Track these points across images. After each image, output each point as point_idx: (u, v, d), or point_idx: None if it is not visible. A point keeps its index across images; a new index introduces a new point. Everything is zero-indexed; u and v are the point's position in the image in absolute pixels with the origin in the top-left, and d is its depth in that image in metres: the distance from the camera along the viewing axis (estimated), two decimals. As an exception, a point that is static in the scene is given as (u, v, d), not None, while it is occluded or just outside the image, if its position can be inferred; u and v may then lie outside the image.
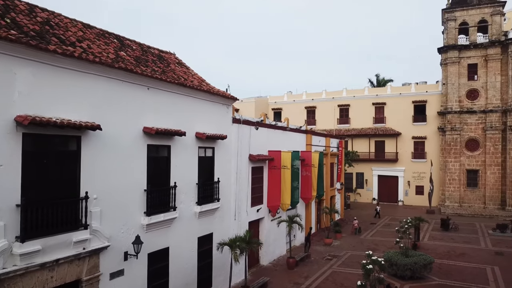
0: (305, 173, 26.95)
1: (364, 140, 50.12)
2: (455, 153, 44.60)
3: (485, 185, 43.33)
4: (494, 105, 43.20)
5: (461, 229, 32.56)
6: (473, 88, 44.58)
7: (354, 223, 33.20)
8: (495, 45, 43.27)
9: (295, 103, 55.17)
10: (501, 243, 28.07)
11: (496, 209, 42.25)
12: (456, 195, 44.34)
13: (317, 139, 31.73)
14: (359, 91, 52.88)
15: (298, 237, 27.44)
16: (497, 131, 42.92)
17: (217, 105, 18.72)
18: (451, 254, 25.22)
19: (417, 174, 47.74)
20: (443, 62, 46.14)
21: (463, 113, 44.66)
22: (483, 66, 44.09)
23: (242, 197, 20.56)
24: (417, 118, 48.30)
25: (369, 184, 50.45)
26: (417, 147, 48.17)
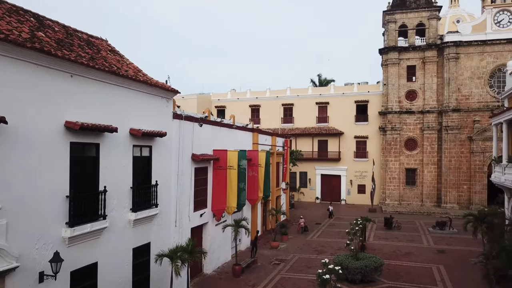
0: (251, 173, 25.52)
1: (308, 140, 49.90)
2: (395, 152, 45.65)
3: (422, 184, 44.76)
4: (431, 106, 44.74)
5: (403, 228, 32.97)
6: (412, 89, 45.88)
7: (300, 221, 32.80)
8: (432, 48, 44.82)
9: (239, 101, 53.77)
10: (441, 241, 28.58)
11: (433, 206, 43.77)
12: (396, 194, 45.41)
13: (263, 137, 30.49)
14: (303, 90, 52.64)
15: (244, 241, 25.97)
16: (433, 131, 44.47)
17: (155, 98, 16.66)
18: (397, 253, 25.08)
19: (359, 173, 48.33)
20: (384, 63, 47.06)
21: (403, 113, 45.83)
22: (421, 68, 45.51)
23: (184, 201, 18.65)
24: (359, 118, 48.92)
25: (313, 183, 50.34)
26: (359, 147, 48.80)
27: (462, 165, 42.78)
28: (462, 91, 43.42)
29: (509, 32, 42.05)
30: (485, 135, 41.78)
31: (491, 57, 42.65)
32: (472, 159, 42.33)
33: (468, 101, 43.18)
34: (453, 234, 30.66)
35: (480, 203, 41.59)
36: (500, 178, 20.64)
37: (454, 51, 43.45)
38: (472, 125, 42.49)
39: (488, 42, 42.51)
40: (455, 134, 43.00)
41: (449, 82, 43.55)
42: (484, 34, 42.76)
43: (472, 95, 43.08)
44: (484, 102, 42.65)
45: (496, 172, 21.99)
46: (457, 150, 42.93)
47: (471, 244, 27.38)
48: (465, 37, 43.19)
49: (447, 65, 43.71)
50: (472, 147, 42.32)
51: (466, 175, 42.57)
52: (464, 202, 42.58)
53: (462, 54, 43.43)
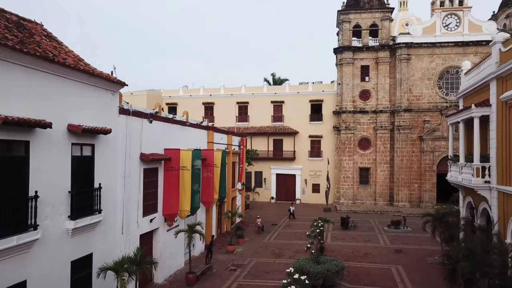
0: (206, 174, 24.00)
1: (263, 139, 48.99)
2: (349, 151, 45.85)
3: (375, 182, 45.27)
4: (384, 106, 45.35)
5: (359, 227, 32.82)
6: (366, 89, 46.28)
7: (257, 221, 32.02)
8: (385, 49, 45.44)
9: (192, 98, 51.82)
10: (397, 240, 28.59)
11: (385, 205, 44.39)
12: (350, 193, 45.62)
13: (219, 136, 29.05)
14: (258, 88, 51.70)
15: (198, 245, 24.41)
16: (386, 130, 45.11)
17: (99, 91, 14.77)
18: (356, 255, 24.61)
19: (313, 172, 48.11)
20: (338, 63, 47.14)
21: (357, 113, 46.12)
22: (374, 68, 46.01)
23: (132, 205, 16.85)
24: (314, 117, 48.71)
25: (268, 183, 49.52)
26: (314, 146, 48.60)
27: (413, 164, 43.71)
28: (413, 92, 44.35)
29: (456, 36, 43.46)
30: (434, 134, 42.94)
31: (440, 59, 43.88)
32: (423, 158, 43.35)
33: (418, 101, 44.18)
34: (407, 232, 30.88)
35: (430, 201, 42.75)
36: (457, 177, 20.63)
37: (406, 52, 44.29)
38: (423, 125, 43.52)
39: (437, 45, 43.70)
40: (407, 133, 43.86)
41: (401, 83, 44.33)
42: (434, 37, 43.93)
43: (422, 95, 44.12)
44: (433, 102, 43.81)
45: (452, 171, 22.04)
46: (409, 149, 43.81)
47: (426, 243, 27.61)
48: (416, 39, 44.15)
49: (399, 65, 44.48)
50: (423, 146, 43.33)
51: (417, 173, 43.54)
52: (415, 201, 43.53)
53: (413, 55, 44.36)
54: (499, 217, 16.80)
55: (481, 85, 19.15)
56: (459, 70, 42.66)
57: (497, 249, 14.52)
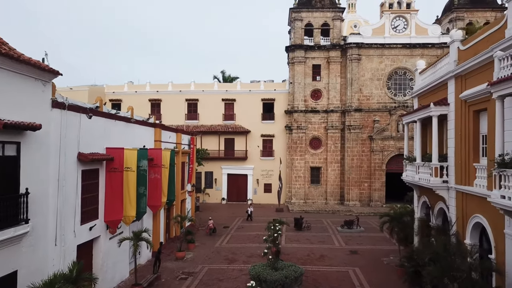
0: (153, 175, 22.10)
1: (214, 138, 47.37)
2: (301, 151, 45.49)
3: (326, 182, 45.26)
4: (335, 106, 45.44)
5: (313, 228, 32.26)
6: (317, 88, 46.16)
7: (209, 223, 30.78)
8: (336, 48, 45.55)
9: (137, 95, 49.02)
10: (351, 240, 28.27)
11: (336, 204, 44.49)
12: (302, 192, 45.27)
13: (167, 134, 27.16)
14: (209, 85, 49.99)
15: (144, 253, 22.46)
16: (337, 130, 45.23)
17: (27, 80, 12.61)
18: (312, 257, 23.85)
19: (265, 172, 47.26)
20: (290, 61, 46.63)
21: (308, 112, 45.86)
22: (326, 67, 45.99)
23: (68, 212, 14.75)
24: (265, 116, 47.87)
25: (218, 183, 47.98)
26: (266, 145, 47.76)
27: (363, 164, 44.15)
28: (363, 92, 44.82)
29: (404, 37, 44.47)
30: (384, 134, 43.64)
31: (389, 60, 44.68)
32: (372, 157, 43.91)
33: (368, 101, 44.71)
34: (361, 232, 30.75)
35: (380, 200, 43.39)
36: (413, 177, 20.41)
37: (356, 52, 44.65)
38: (372, 124, 44.08)
39: (386, 46, 44.47)
40: (357, 133, 44.22)
41: (351, 83, 44.62)
42: (383, 38, 44.65)
43: (372, 95, 44.70)
44: (382, 102, 44.53)
45: (408, 171, 21.86)
46: (359, 149, 44.20)
47: (380, 243, 27.52)
48: (366, 40, 44.64)
49: (350, 65, 44.76)
50: (372, 146, 43.89)
51: (367, 173, 44.03)
52: (365, 200, 43.99)
53: (363, 55, 44.81)
54: (457, 217, 16.59)
55: (438, 84, 18.98)
56: (407, 71, 43.93)
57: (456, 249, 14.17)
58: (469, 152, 15.75)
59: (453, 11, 45.49)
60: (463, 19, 45.02)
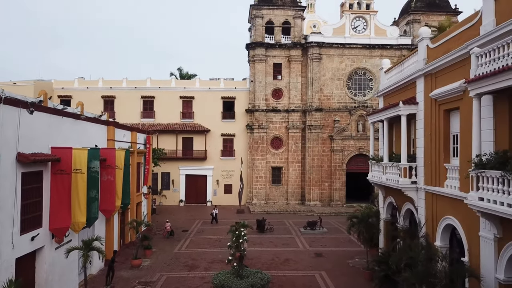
0: (106, 177, 20.28)
1: (171, 137, 45.46)
2: (262, 150, 44.66)
3: (287, 182, 44.72)
4: (296, 105, 44.99)
5: (276, 229, 31.41)
6: (278, 87, 45.51)
7: (166, 225, 29.44)
8: (297, 47, 45.11)
9: (89, 91, 46.11)
10: (315, 242, 27.66)
11: (297, 204, 44.04)
12: (263, 193, 44.45)
13: (121, 133, 25.29)
14: (166, 82, 48.03)
15: (96, 262, 20.55)
16: (298, 130, 44.80)
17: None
18: (277, 261, 22.94)
19: (226, 172, 46.00)
20: (251, 59, 45.67)
21: (269, 112, 45.11)
22: (287, 66, 45.44)
23: (4, 221, 12.84)
24: (226, 115, 46.61)
25: (176, 184, 46.12)
26: (226, 145, 46.50)
27: (324, 163, 44.00)
28: (324, 92, 44.68)
29: (364, 38, 44.79)
30: (344, 134, 43.70)
31: (349, 60, 44.83)
32: (333, 157, 43.87)
33: (329, 101, 44.63)
34: (324, 233, 30.27)
35: (340, 199, 43.42)
36: (380, 177, 20.00)
37: (317, 51, 44.44)
38: (333, 124, 44.03)
39: (346, 46, 44.58)
40: (318, 133, 44.00)
41: (312, 82, 44.35)
42: (343, 38, 44.73)
43: (333, 95, 44.66)
44: (343, 102, 44.60)
45: (374, 171, 21.47)
46: (320, 148, 44.01)
47: (344, 244, 27.13)
48: (327, 39, 44.53)
49: (311, 65, 44.47)
50: (333, 145, 43.84)
51: (328, 172, 43.92)
52: (325, 199, 43.86)
53: (324, 55, 44.68)
54: (426, 219, 16.24)
55: (405, 83, 18.62)
56: (367, 71, 44.27)
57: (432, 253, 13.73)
58: (439, 152, 15.39)
59: (410, 13, 46.39)
60: (419, 21, 46.00)
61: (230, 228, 22.58)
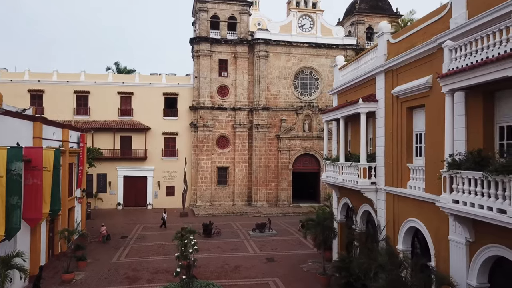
0: (31, 180, 17.50)
1: (108, 135, 42.10)
2: (207, 150, 42.81)
3: (234, 182, 43.28)
4: (242, 103, 43.66)
5: (223, 233, 29.79)
6: (224, 84, 43.92)
7: (102, 229, 27.39)
8: (244, 44, 43.81)
9: (13, 84, 41.36)
10: (266, 246, 26.44)
11: (244, 205, 42.75)
12: (208, 194, 42.61)
13: (50, 130, 22.35)
14: (102, 76, 44.51)
15: (17, 282, 17.67)
16: (245, 129, 43.51)
17: None
18: (227, 269, 21.37)
19: (168, 173, 43.55)
20: (195, 54, 43.65)
21: (215, 109, 43.36)
22: (233, 63, 43.97)
23: None
24: (168, 112, 44.15)
25: (113, 186, 42.85)
26: (168, 144, 44.02)
27: (270, 163, 43.12)
28: (271, 90, 43.80)
29: (310, 37, 44.52)
30: (290, 133, 43.13)
31: (296, 59, 44.34)
32: (280, 156, 43.13)
33: (276, 100, 43.83)
34: (274, 236, 29.17)
35: (287, 199, 42.80)
36: (336, 178, 19.21)
37: (264, 49, 43.45)
38: (280, 124, 43.29)
39: (293, 44, 44.03)
40: (265, 132, 43.03)
41: (259, 80, 43.30)
42: (290, 36, 44.15)
43: (279, 94, 43.92)
44: (290, 102, 44.01)
45: (328, 171, 20.66)
46: (267, 148, 43.06)
47: (295, 247, 26.21)
48: (274, 36, 43.70)
49: (258, 62, 43.39)
50: (280, 145, 43.10)
51: (274, 172, 43.10)
52: (272, 200, 43.00)
53: (271, 53, 43.81)
54: (387, 221, 15.60)
55: (363, 80, 17.95)
56: (313, 71, 44.10)
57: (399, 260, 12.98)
58: (402, 152, 14.77)
59: (355, 14, 46.94)
60: (363, 23, 46.71)
61: (175, 234, 20.76)
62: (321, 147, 43.15)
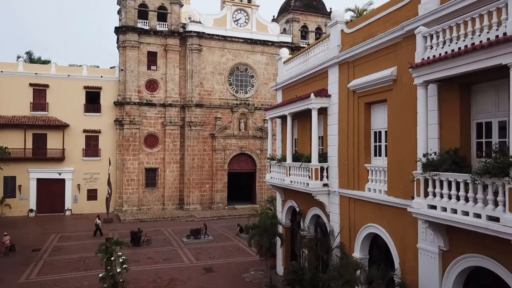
0: None
1: (18, 133, 36.90)
2: (134, 150, 39.35)
3: (164, 185, 40.29)
4: (173, 99, 40.84)
5: (153, 241, 27.03)
6: (153, 78, 40.76)
7: (4, 240, 23.89)
8: (175, 36, 41.02)
9: None
10: (202, 254, 24.23)
11: (175, 209, 39.97)
12: (135, 198, 39.17)
13: None
14: (11, 65, 39.00)
15: None
16: (176, 126, 40.74)
17: None
18: (160, 283, 18.86)
19: (89, 175, 39.33)
20: (121, 45, 39.92)
21: (143, 105, 40.04)
22: (163, 56, 40.97)
23: None
24: (90, 108, 39.90)
25: (24, 191, 37.66)
26: (90, 143, 39.77)
27: (204, 163, 40.81)
28: (204, 86, 41.50)
29: (245, 32, 42.98)
30: (226, 132, 41.23)
31: (230, 54, 42.51)
32: (214, 156, 41.01)
33: (210, 96, 41.63)
34: (210, 242, 27.01)
35: (222, 202, 40.86)
36: (282, 179, 17.67)
37: (197, 42, 41.04)
38: (214, 122, 41.18)
39: (228, 39, 42.16)
40: (198, 130, 40.63)
41: (192, 75, 40.79)
42: (225, 30, 42.23)
43: (214, 91, 41.78)
44: (224, 99, 42.08)
45: (274, 172, 19.07)
46: (200, 147, 40.69)
47: (234, 254, 24.37)
48: (208, 30, 41.49)
49: (190, 56, 40.86)
50: (214, 144, 40.98)
51: (209, 173, 40.88)
52: (206, 202, 40.75)
53: (204, 47, 41.52)
54: (342, 227, 14.33)
55: (313, 74, 16.56)
56: (248, 67, 42.68)
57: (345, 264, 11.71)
58: (359, 151, 13.55)
59: (290, 11, 46.28)
60: (298, 21, 46.22)
61: (99, 247, 17.95)
62: (257, 147, 41.84)
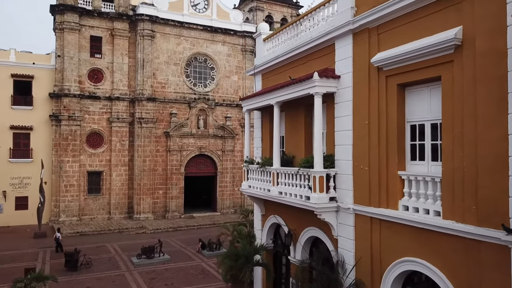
0: None
1: None
2: (74, 150, 33.47)
3: (110, 191, 34.71)
4: (122, 92, 35.41)
5: (95, 263, 21.81)
6: (98, 67, 35.13)
7: None
8: (123, 19, 35.66)
9: None
10: (157, 279, 19.46)
11: (123, 218, 34.59)
12: (75, 206, 33.30)
13: None
14: None
15: None
16: (124, 123, 35.35)
17: None
18: (100, 332, 14.02)
19: (18, 180, 33.02)
20: (58, 27, 33.96)
21: (85, 98, 34.28)
22: (109, 42, 35.43)
23: None
24: (19, 100, 33.61)
25: None
26: (19, 142, 33.44)
27: (158, 166, 35.69)
28: (158, 78, 36.42)
29: (205, 19, 38.39)
30: (182, 130, 36.38)
31: (188, 43, 37.74)
32: (169, 158, 36.00)
33: (164, 89, 36.60)
34: (166, 262, 22.21)
35: (177, 210, 35.98)
36: (267, 190, 13.44)
37: (150, 27, 35.90)
38: (169, 118, 36.19)
39: (185, 25, 37.37)
40: (150, 128, 35.47)
41: (143, 65, 35.58)
42: (181, 15, 37.39)
43: (169, 83, 36.80)
44: (181, 92, 37.21)
45: (253, 179, 14.76)
46: (153, 147, 35.54)
47: (197, 278, 19.78)
48: (162, 14, 36.47)
49: (142, 43, 35.65)
50: (169, 144, 35.97)
51: (163, 177, 35.80)
52: (159, 211, 35.64)
53: (158, 33, 36.46)
54: (358, 258, 10.34)
55: (311, 49, 12.47)
56: (208, 58, 38.29)
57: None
58: (387, 153, 9.61)
59: (254, 0, 42.24)
60: (262, 10, 42.43)
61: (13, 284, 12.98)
62: (218, 147, 37.41)
